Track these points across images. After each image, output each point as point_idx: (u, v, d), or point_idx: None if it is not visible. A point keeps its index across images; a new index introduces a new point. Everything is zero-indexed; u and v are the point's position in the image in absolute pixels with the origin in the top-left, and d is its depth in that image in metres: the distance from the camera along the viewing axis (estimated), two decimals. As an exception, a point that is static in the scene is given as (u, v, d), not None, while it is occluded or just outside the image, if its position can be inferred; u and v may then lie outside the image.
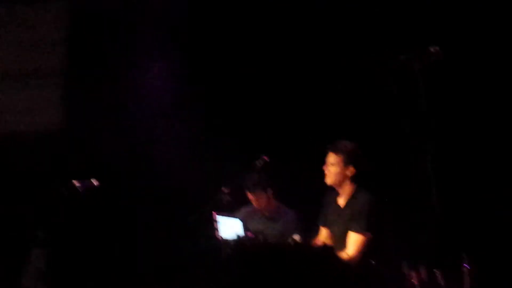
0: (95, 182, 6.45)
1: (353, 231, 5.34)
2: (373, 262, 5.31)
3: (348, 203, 5.49)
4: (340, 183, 5.51)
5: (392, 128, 6.59)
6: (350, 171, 5.47)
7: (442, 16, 6.63)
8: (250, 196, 6.59)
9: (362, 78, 6.76)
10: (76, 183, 6.40)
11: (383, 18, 6.84)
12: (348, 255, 5.27)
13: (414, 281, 6.03)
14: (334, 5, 7.05)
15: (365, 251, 5.29)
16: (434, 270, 5.67)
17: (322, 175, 5.59)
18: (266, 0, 7.41)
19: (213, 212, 6.02)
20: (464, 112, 6.53)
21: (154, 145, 7.74)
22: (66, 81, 8.31)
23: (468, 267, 5.62)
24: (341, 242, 5.37)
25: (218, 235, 5.97)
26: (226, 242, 6.08)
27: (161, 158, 7.68)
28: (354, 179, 5.49)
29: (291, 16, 7.30)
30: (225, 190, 6.22)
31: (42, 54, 8.39)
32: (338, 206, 5.55)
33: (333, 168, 5.49)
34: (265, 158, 6.37)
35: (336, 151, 5.50)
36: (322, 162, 5.61)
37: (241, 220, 6.21)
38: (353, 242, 5.31)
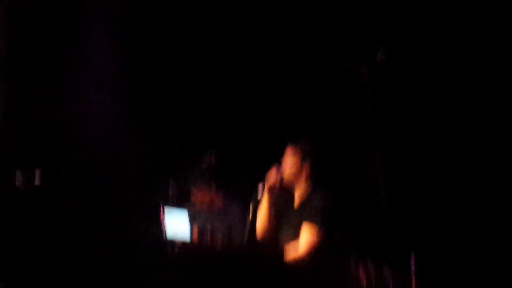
0: (37, 173, 6.35)
1: (305, 226, 5.21)
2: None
3: (304, 201, 5.38)
4: (297, 180, 5.39)
5: (341, 125, 6.63)
6: (306, 168, 5.37)
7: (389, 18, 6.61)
8: (194, 191, 6.52)
9: (312, 77, 6.77)
10: (19, 174, 6.30)
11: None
12: (298, 250, 5.20)
13: (362, 278, 6.08)
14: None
15: (316, 248, 5.21)
16: (382, 267, 5.73)
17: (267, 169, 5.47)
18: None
19: (160, 204, 5.97)
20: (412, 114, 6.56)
21: (97, 139, 7.59)
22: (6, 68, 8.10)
23: (415, 265, 5.70)
24: (293, 240, 5.28)
25: (164, 233, 5.90)
26: (172, 242, 6.05)
27: (105, 152, 7.54)
28: (310, 176, 5.38)
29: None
30: (171, 184, 6.19)
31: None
32: (293, 205, 5.44)
33: (289, 167, 5.36)
34: (211, 153, 6.37)
35: (293, 148, 5.39)
36: (269, 156, 5.54)
37: (188, 211, 6.18)
38: (305, 238, 5.20)
